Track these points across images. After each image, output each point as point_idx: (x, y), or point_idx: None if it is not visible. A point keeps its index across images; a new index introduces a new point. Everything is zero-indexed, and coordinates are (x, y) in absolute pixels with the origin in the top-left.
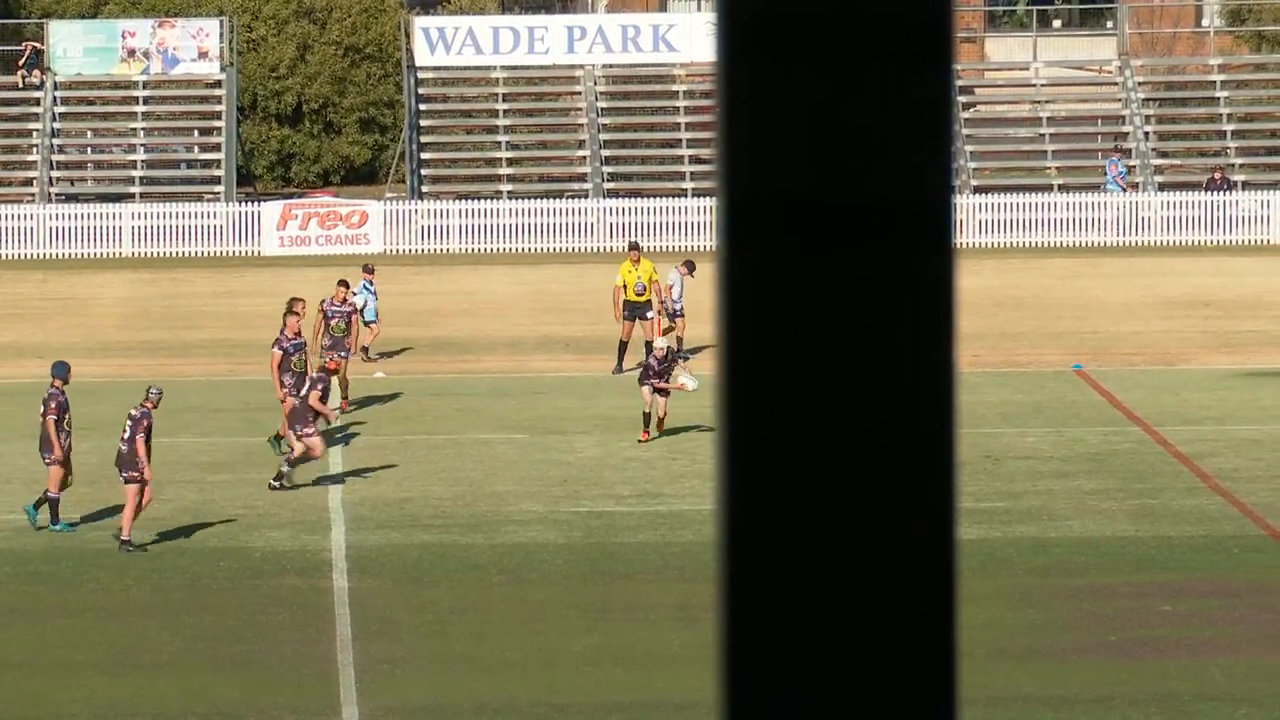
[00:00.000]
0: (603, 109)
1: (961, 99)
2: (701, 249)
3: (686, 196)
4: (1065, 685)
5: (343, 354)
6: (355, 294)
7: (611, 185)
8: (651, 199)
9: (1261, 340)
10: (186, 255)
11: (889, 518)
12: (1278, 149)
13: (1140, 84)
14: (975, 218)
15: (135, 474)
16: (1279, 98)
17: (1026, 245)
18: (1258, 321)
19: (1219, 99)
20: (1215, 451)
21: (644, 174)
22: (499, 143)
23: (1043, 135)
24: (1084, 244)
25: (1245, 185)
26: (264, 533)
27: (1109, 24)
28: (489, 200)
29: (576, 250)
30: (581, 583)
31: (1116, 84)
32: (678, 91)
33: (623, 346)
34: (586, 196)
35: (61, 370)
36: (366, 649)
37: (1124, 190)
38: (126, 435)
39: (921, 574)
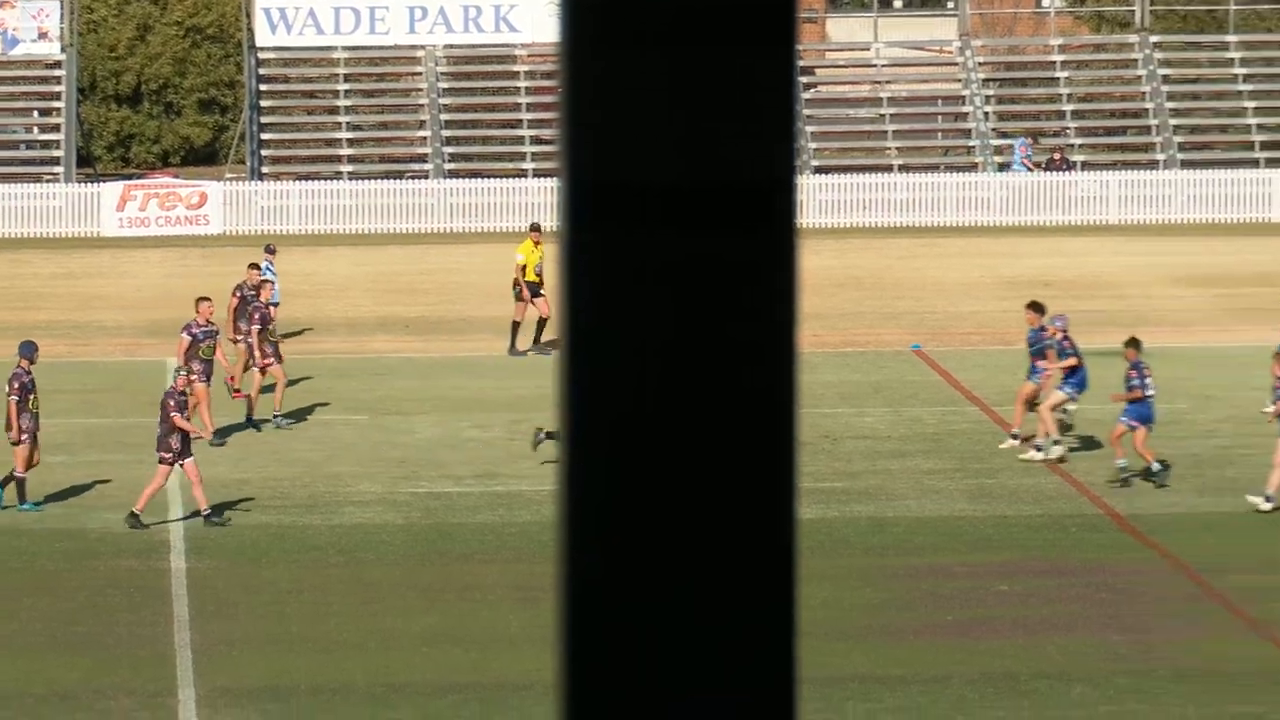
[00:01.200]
0: (444, 89)
1: (802, 80)
2: (543, 229)
3: (527, 177)
4: (903, 665)
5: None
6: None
7: (452, 166)
8: (492, 180)
9: (1099, 320)
10: (25, 236)
11: (729, 497)
12: (1117, 130)
13: (980, 64)
14: (816, 198)
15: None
16: (1118, 79)
17: (866, 226)
18: (1096, 301)
19: (1059, 79)
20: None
21: (485, 155)
22: (339, 123)
23: (883, 116)
24: (923, 224)
25: (1084, 166)
26: (100, 514)
27: (950, 4)
28: (329, 181)
29: (417, 231)
30: (419, 563)
31: (957, 64)
32: (519, 72)
33: (515, 326)
34: (427, 177)
35: (28, 350)
36: (204, 630)
37: (1029, 170)
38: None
39: (762, 554)
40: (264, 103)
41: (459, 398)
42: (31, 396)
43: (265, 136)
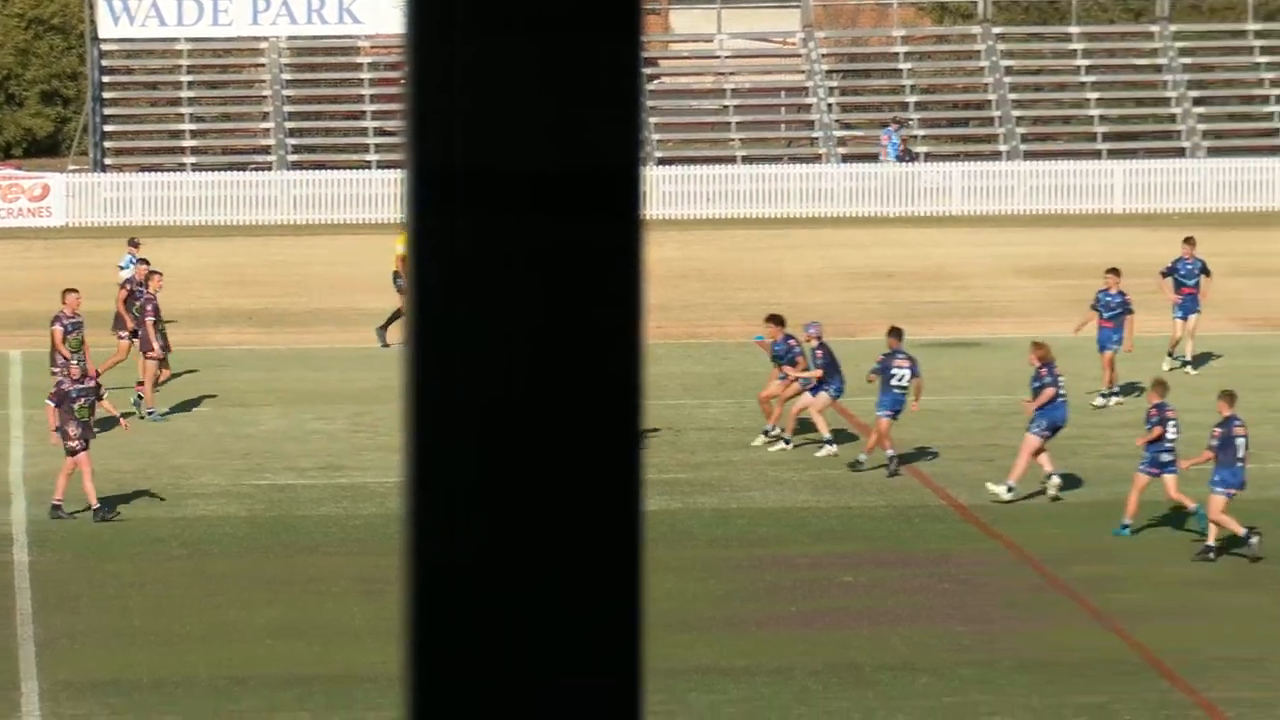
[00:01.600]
0: (287, 81)
1: (646, 71)
2: (387, 221)
3: (371, 169)
4: (747, 656)
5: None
6: (121, 268)
7: (295, 158)
8: (336, 171)
9: (943, 311)
10: None
11: (576, 488)
12: (960, 121)
13: (824, 56)
14: (659, 190)
15: None
16: (961, 70)
17: (710, 217)
18: (939, 293)
19: (902, 71)
20: (897, 422)
21: (328, 146)
22: (183, 115)
23: (727, 107)
24: (767, 216)
25: (927, 157)
26: None
27: None
28: (172, 173)
29: (260, 223)
30: (263, 556)
31: (800, 56)
32: (362, 64)
33: (397, 314)
34: (270, 169)
35: None
36: (46, 623)
37: (899, 160)
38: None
39: (608, 545)
40: (107, 94)
41: (302, 390)
42: None
43: (108, 128)
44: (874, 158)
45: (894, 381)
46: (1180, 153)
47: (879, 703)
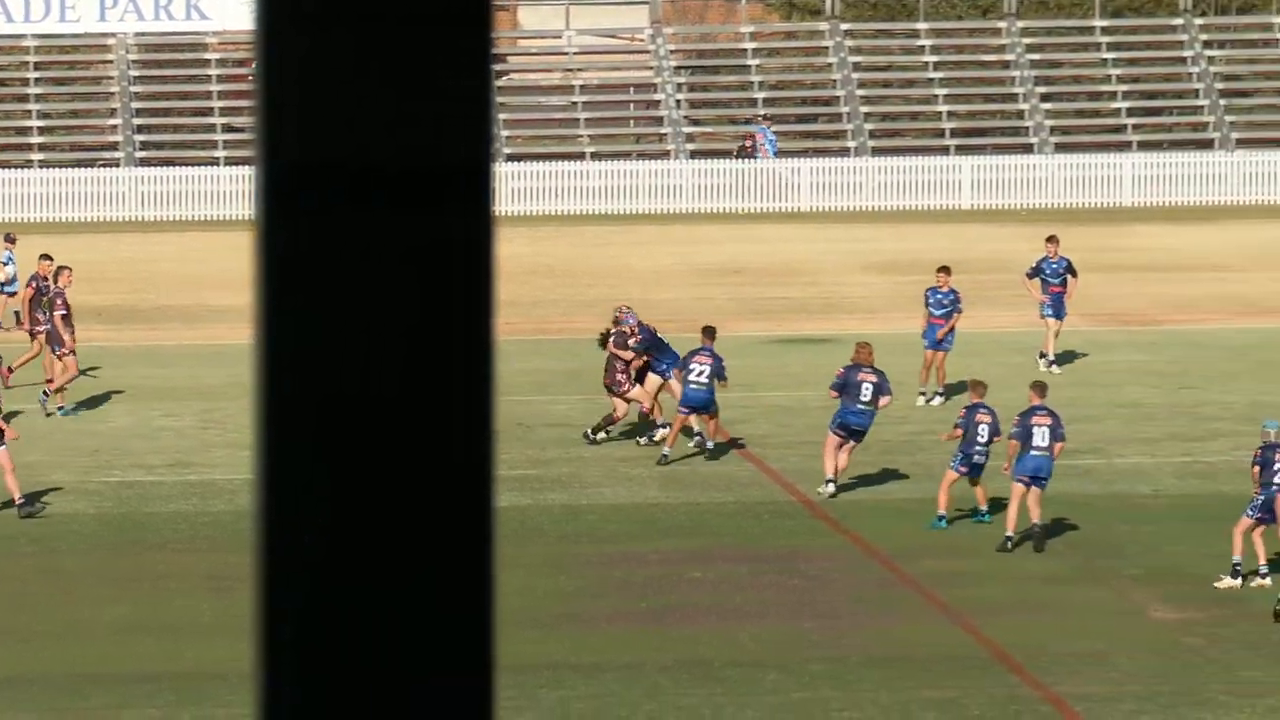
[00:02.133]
0: (135, 77)
1: (494, 67)
2: (237, 217)
3: (219, 165)
4: (597, 652)
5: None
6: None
7: (144, 154)
8: (184, 168)
9: (790, 307)
10: None
11: (426, 485)
12: (809, 117)
13: (672, 52)
14: (508, 186)
15: None
16: (809, 66)
17: (559, 214)
18: (787, 289)
19: (750, 67)
20: (746, 418)
21: (177, 143)
22: (30, 111)
23: (575, 104)
24: (616, 212)
25: (776, 153)
26: None
27: None
28: (20, 169)
29: (109, 219)
30: (112, 553)
31: (649, 52)
32: (210, 60)
33: None
34: (119, 165)
35: None
36: None
37: (775, 156)
38: None
39: (459, 542)
40: None
41: (150, 387)
42: None
43: None
44: (723, 154)
45: (692, 377)
46: (1028, 149)
47: (728, 699)
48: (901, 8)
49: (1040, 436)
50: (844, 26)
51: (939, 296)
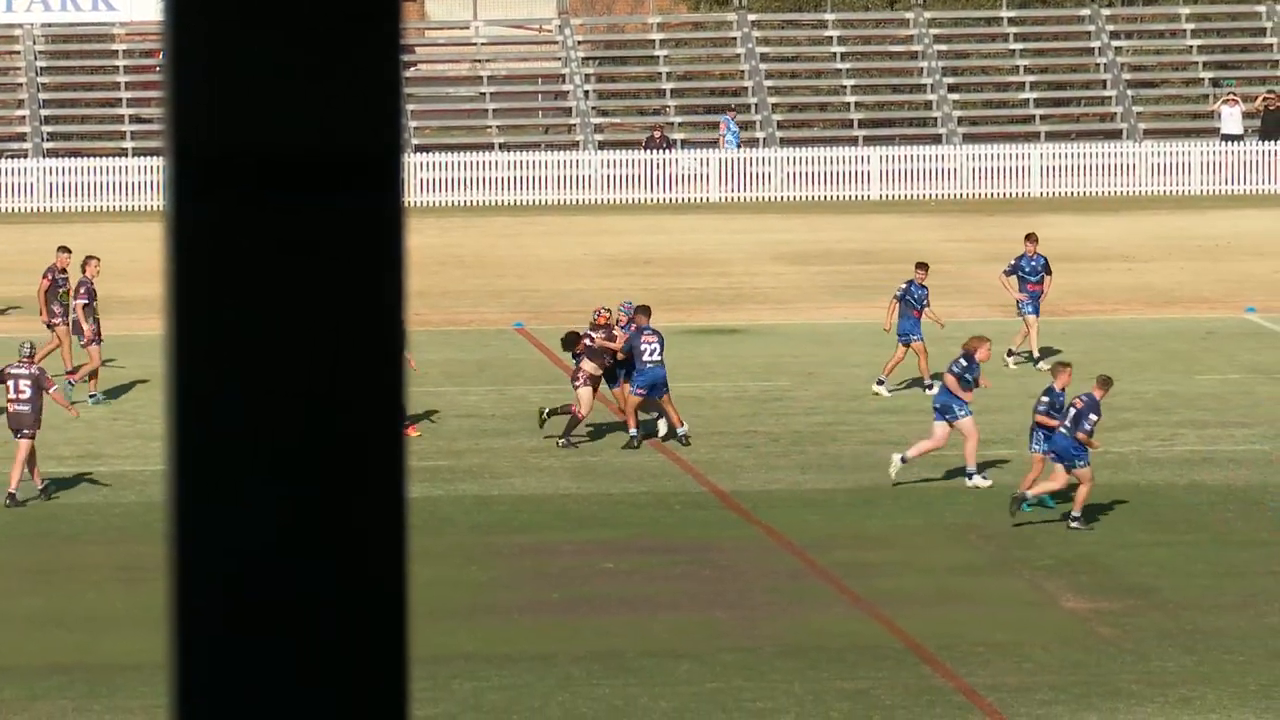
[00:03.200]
0: (42, 68)
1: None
2: (145, 208)
3: (128, 156)
4: (509, 643)
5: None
6: None
7: (51, 145)
8: (92, 159)
9: (701, 298)
10: None
11: (338, 475)
12: (716, 108)
13: (580, 43)
14: (416, 177)
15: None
16: (717, 56)
17: (468, 204)
18: (698, 279)
19: (658, 58)
20: (656, 408)
21: (84, 134)
22: None
23: (483, 94)
24: (525, 203)
25: (684, 144)
26: None
27: None
28: None
29: (16, 210)
30: (24, 545)
31: (557, 43)
32: (118, 51)
33: None
34: (26, 156)
35: None
36: None
37: (738, 147)
38: (27, 395)
39: (372, 532)
40: None
41: (61, 378)
42: None
43: None
44: (632, 145)
45: (646, 357)
46: (936, 140)
47: (641, 690)
48: None
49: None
50: (751, 17)
51: (918, 291)
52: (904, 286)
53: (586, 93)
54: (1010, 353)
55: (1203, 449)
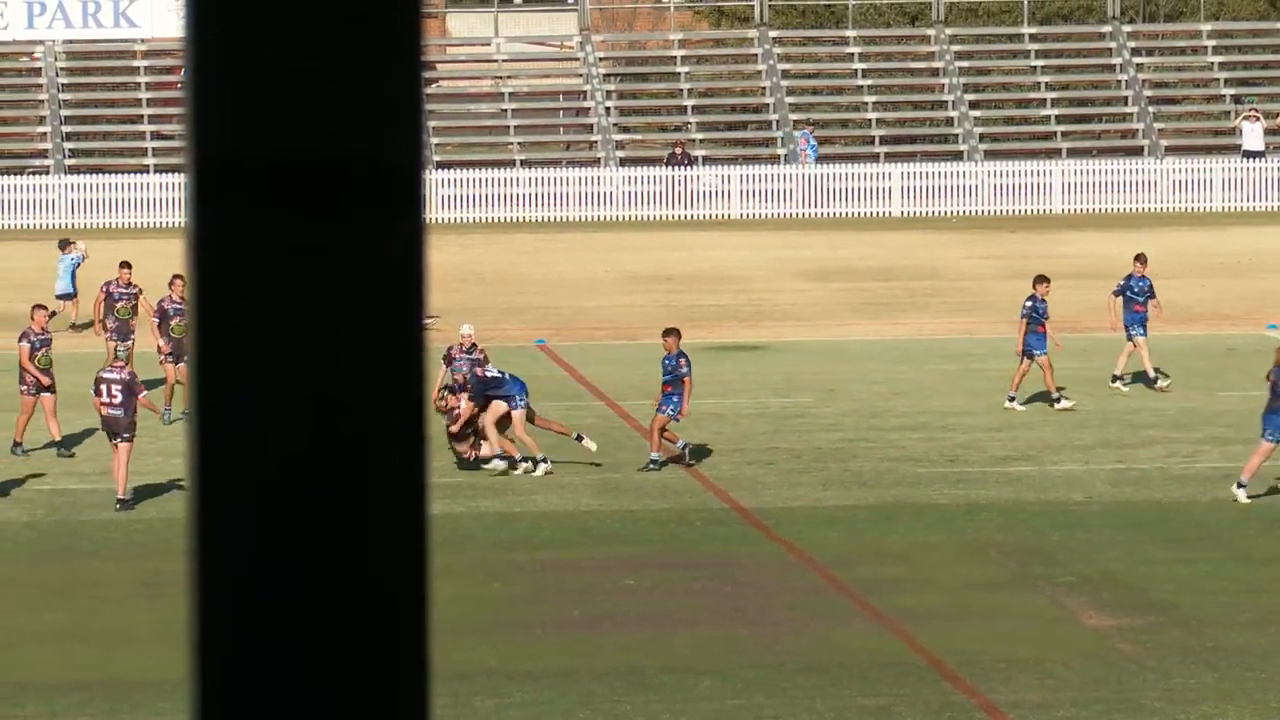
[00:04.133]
0: (64, 85)
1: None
2: (167, 224)
3: (149, 172)
4: (531, 660)
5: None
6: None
7: (73, 161)
8: (114, 175)
9: (722, 315)
10: None
11: (360, 491)
12: (738, 124)
13: (601, 59)
14: (438, 194)
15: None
16: (738, 73)
17: (489, 221)
18: (719, 296)
19: (680, 74)
20: (677, 426)
21: (106, 150)
22: None
23: (505, 111)
24: (546, 219)
25: (705, 160)
26: None
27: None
28: None
29: (38, 227)
30: (44, 560)
31: (578, 59)
32: (139, 67)
33: None
34: (48, 173)
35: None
36: None
37: (816, 162)
38: (119, 400)
39: (393, 548)
40: None
41: (81, 394)
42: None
43: None
44: (653, 162)
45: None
46: (957, 156)
47: (663, 706)
48: (830, 15)
49: None
50: (772, 34)
51: (1043, 307)
52: (1029, 303)
53: (608, 109)
54: (1115, 378)
55: (1224, 466)
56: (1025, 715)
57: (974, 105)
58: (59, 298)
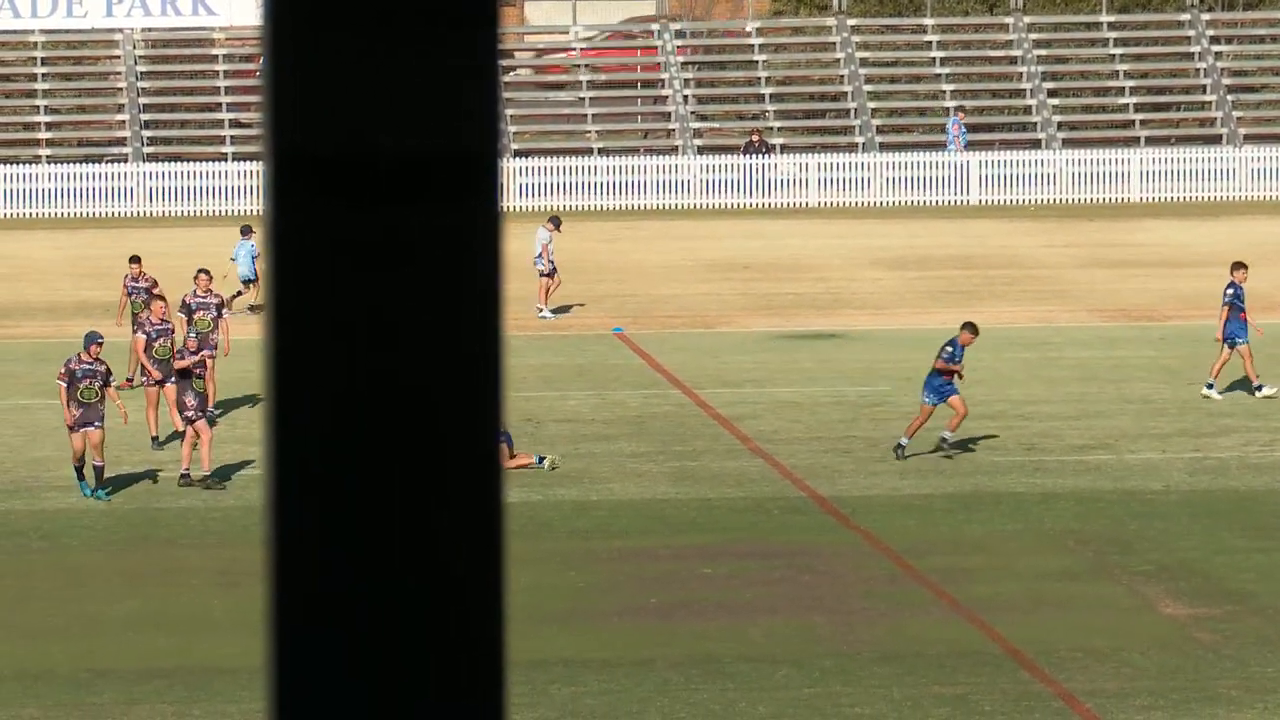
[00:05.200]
0: (142, 73)
1: (501, 63)
2: (246, 212)
3: (227, 161)
4: (607, 648)
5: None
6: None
7: (151, 149)
8: (192, 163)
9: (800, 303)
10: None
11: (436, 481)
12: (816, 112)
13: (679, 47)
14: (516, 181)
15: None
16: (816, 61)
17: (568, 208)
18: (796, 284)
19: (757, 62)
20: (755, 414)
21: (184, 138)
22: (38, 107)
23: (583, 99)
24: (624, 207)
25: (783, 149)
26: None
27: None
28: (28, 165)
29: (116, 215)
30: (123, 548)
31: (656, 47)
32: (217, 55)
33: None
34: (126, 161)
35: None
36: None
37: (966, 148)
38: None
39: (469, 537)
40: None
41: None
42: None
43: None
44: (731, 150)
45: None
46: (1036, 144)
47: (739, 694)
48: (909, 3)
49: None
50: (851, 22)
51: (1242, 293)
52: (1230, 290)
53: (685, 97)
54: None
55: None
56: (1102, 704)
57: (1052, 94)
58: (244, 282)
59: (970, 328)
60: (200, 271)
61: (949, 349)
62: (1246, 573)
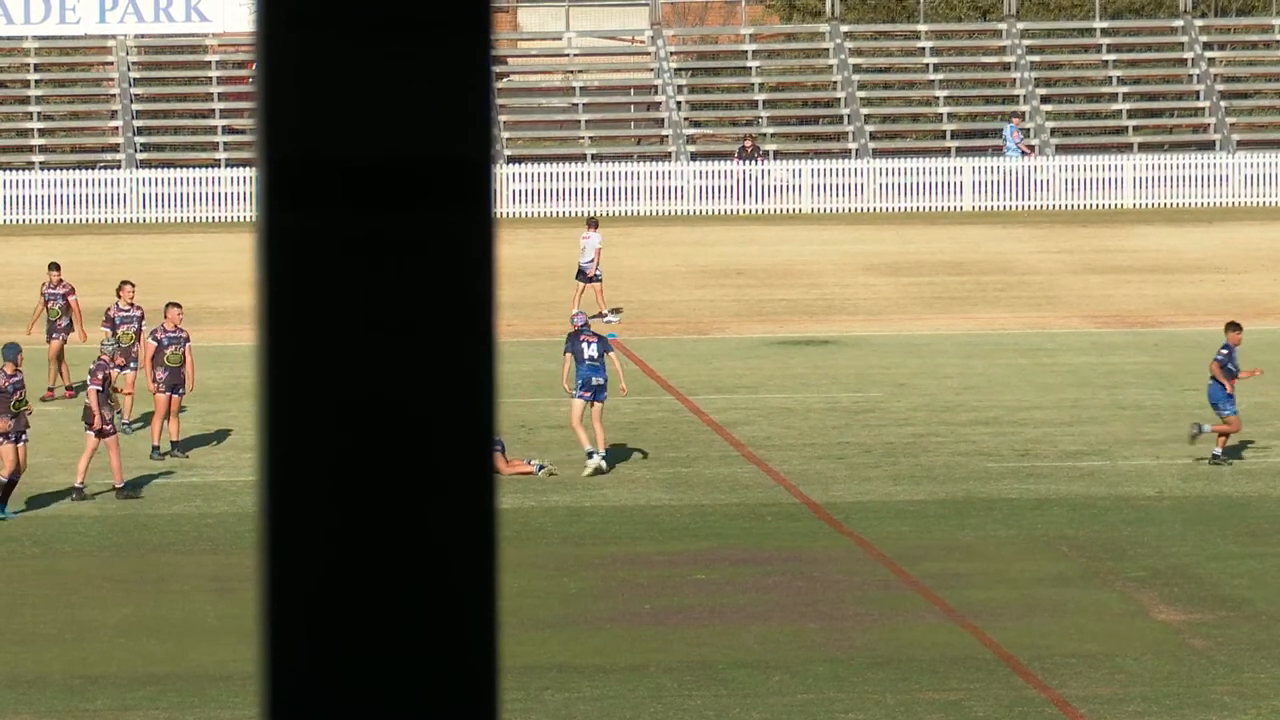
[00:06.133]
0: (135, 79)
1: (494, 69)
2: (237, 219)
3: (220, 167)
4: (600, 654)
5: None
6: None
7: (144, 156)
8: (185, 169)
9: (793, 309)
10: None
11: (429, 486)
12: (809, 119)
13: (673, 53)
14: (510, 188)
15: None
16: (809, 67)
17: (560, 215)
18: (790, 290)
19: (751, 69)
20: (748, 420)
21: (177, 144)
22: (30, 113)
23: (576, 105)
24: (617, 213)
25: (777, 155)
26: None
27: None
28: (21, 171)
29: (110, 221)
30: (115, 554)
31: (649, 54)
32: (210, 62)
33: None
34: (119, 167)
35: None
36: None
37: (1022, 155)
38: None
39: (462, 543)
40: None
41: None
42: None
43: None
44: (724, 156)
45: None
46: (1029, 150)
47: (733, 700)
48: (901, 9)
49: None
50: (844, 28)
51: None
52: (1225, 351)
53: (679, 104)
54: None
55: None
56: (1096, 710)
57: (1045, 99)
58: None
59: (1234, 326)
60: (124, 283)
61: (1224, 351)
62: (1239, 578)
